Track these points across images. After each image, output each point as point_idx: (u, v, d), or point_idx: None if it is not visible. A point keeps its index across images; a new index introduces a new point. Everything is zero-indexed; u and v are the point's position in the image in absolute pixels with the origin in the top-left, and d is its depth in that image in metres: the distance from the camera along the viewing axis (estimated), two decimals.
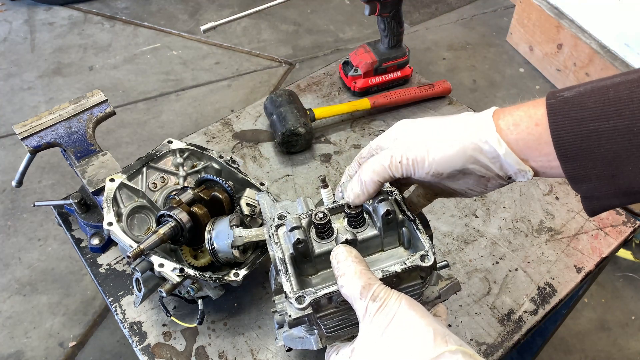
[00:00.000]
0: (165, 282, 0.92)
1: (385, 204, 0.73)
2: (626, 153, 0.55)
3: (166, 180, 1.10)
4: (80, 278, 2.42)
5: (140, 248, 0.88)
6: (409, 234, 0.75)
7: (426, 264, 0.68)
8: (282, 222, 0.77)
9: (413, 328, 0.60)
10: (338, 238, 0.74)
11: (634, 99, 0.54)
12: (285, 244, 0.74)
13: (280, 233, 0.77)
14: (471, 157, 0.64)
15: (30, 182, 2.78)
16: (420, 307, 0.63)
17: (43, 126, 1.10)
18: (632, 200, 0.61)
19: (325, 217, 0.73)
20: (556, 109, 0.59)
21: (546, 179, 1.30)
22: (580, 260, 1.14)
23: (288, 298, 0.68)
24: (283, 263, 0.73)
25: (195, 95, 3.34)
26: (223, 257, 0.94)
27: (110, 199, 0.99)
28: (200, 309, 0.98)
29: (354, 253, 0.68)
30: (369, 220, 0.77)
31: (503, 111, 0.64)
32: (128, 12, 4.02)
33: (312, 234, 0.76)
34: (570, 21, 3.15)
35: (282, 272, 0.72)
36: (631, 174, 0.56)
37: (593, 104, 0.56)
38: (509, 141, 0.62)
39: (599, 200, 0.62)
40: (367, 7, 1.40)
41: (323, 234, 0.75)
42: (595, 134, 0.56)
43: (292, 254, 0.73)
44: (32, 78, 3.45)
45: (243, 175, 1.09)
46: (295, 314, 0.69)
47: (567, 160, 0.59)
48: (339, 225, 0.77)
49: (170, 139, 1.12)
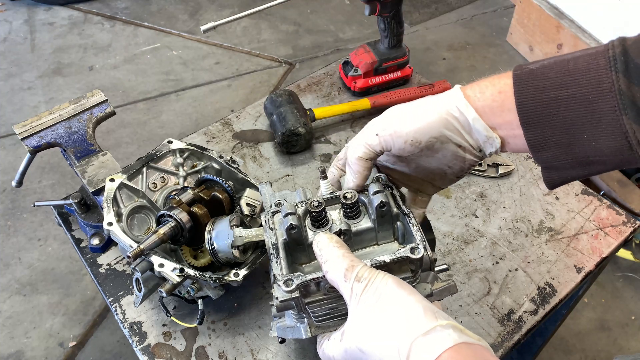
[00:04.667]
0: (165, 282, 0.92)
1: (380, 195, 0.74)
2: (581, 120, 0.59)
3: (166, 180, 1.10)
4: (80, 278, 2.42)
5: (140, 248, 0.88)
6: (403, 229, 0.76)
7: (415, 256, 0.68)
8: (278, 209, 0.79)
9: (402, 304, 0.60)
10: (332, 228, 0.75)
11: (591, 69, 0.58)
12: (280, 230, 0.75)
13: (276, 219, 0.78)
14: (445, 120, 0.67)
15: (30, 182, 2.78)
16: (408, 286, 0.63)
17: (43, 126, 1.10)
18: (589, 172, 0.64)
19: (320, 206, 0.74)
20: (521, 79, 0.63)
21: None
22: (580, 260, 1.14)
23: (277, 281, 0.69)
24: (275, 248, 0.74)
25: (195, 95, 3.34)
26: (223, 257, 0.94)
27: (110, 199, 0.99)
28: (200, 309, 0.98)
29: (335, 239, 0.69)
30: (365, 212, 0.78)
31: (470, 85, 0.69)
32: (128, 12, 4.02)
33: (307, 222, 0.77)
34: (570, 21, 3.14)
35: (274, 256, 0.73)
36: (586, 142, 0.59)
37: (554, 74, 0.60)
38: (476, 108, 0.66)
39: (558, 171, 0.65)
40: (367, 7, 1.40)
41: (318, 222, 0.76)
42: (555, 102, 0.60)
43: (285, 240, 0.74)
44: (32, 78, 3.45)
45: (243, 175, 1.09)
46: (283, 296, 0.70)
47: (529, 127, 0.62)
48: (335, 216, 0.78)
49: (170, 139, 1.12)
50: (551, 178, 0.67)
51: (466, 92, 0.67)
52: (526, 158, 1.35)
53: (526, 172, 1.32)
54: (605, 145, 0.59)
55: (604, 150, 0.59)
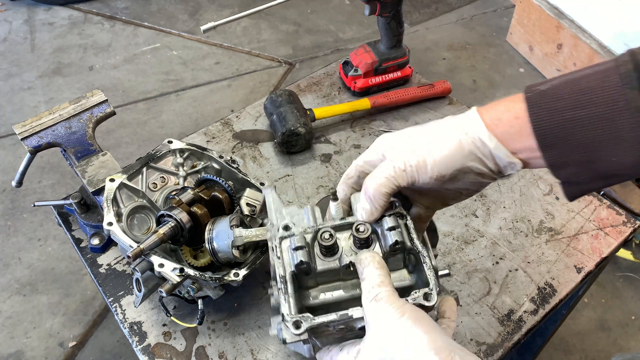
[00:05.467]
0: (165, 282, 0.92)
1: (395, 234, 0.71)
2: (600, 138, 0.58)
3: (166, 180, 1.10)
4: (80, 278, 2.42)
5: (140, 248, 0.88)
6: (414, 261, 0.74)
7: (429, 304, 0.66)
8: (286, 235, 0.75)
9: (416, 345, 0.59)
10: (342, 259, 0.73)
11: (605, 88, 0.57)
12: (288, 259, 0.73)
13: (284, 246, 0.75)
14: (469, 153, 0.66)
15: (30, 182, 2.78)
16: (426, 319, 0.62)
17: (43, 126, 1.10)
18: (609, 183, 0.64)
19: (332, 239, 0.72)
20: (534, 102, 0.62)
21: (546, 180, 1.30)
22: (580, 260, 1.14)
23: (285, 321, 0.67)
24: (284, 282, 0.71)
25: (195, 95, 3.34)
26: (223, 257, 0.94)
27: (110, 199, 0.99)
28: (200, 309, 0.98)
29: (377, 259, 0.68)
30: (376, 240, 0.75)
31: (485, 108, 0.67)
32: (128, 12, 4.02)
33: (316, 249, 0.75)
34: (570, 21, 3.14)
35: (282, 292, 0.70)
36: (606, 158, 0.59)
37: (568, 95, 0.60)
38: (496, 135, 0.65)
39: (579, 185, 0.65)
40: (367, 7, 1.40)
41: (328, 253, 0.74)
42: (571, 123, 0.59)
43: (293, 272, 0.72)
44: (32, 78, 3.45)
45: (243, 175, 1.09)
46: (291, 338, 0.68)
47: (547, 148, 0.62)
48: (344, 243, 0.75)
49: (170, 139, 1.12)
50: (572, 192, 0.66)
51: (484, 119, 0.66)
52: None
53: (526, 172, 1.31)
54: (627, 160, 0.58)
55: (625, 165, 0.59)
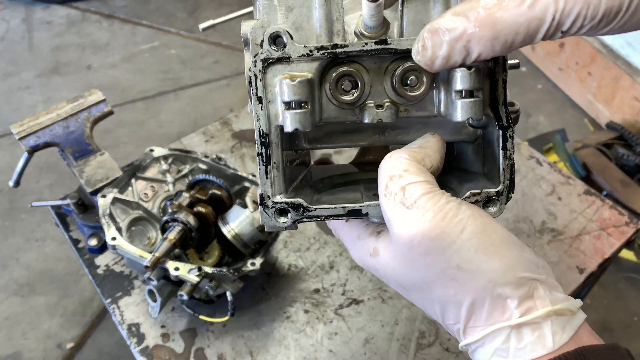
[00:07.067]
0: (184, 285, 0.93)
1: (473, 75, 0.44)
2: None
3: (156, 189, 1.10)
4: (78, 279, 2.41)
5: (156, 256, 0.89)
6: (482, 138, 0.54)
7: (493, 209, 0.54)
8: (279, 55, 0.47)
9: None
10: (367, 106, 0.48)
11: None
12: (275, 105, 0.48)
13: (271, 78, 0.48)
14: None
15: (27, 182, 2.76)
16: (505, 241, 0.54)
17: (41, 126, 1.10)
18: None
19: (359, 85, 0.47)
20: None
21: (548, 180, 1.29)
22: (583, 261, 1.13)
23: (264, 205, 0.49)
24: (265, 143, 0.48)
25: (194, 94, 3.33)
26: (249, 240, 0.97)
27: (107, 215, 0.99)
28: (230, 300, 0.98)
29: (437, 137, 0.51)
30: (428, 82, 0.49)
31: None
32: (126, 10, 4.00)
33: (326, 87, 0.49)
34: None
35: (261, 161, 0.49)
36: None
37: None
38: None
39: None
40: None
41: (347, 102, 0.48)
42: None
43: (280, 126, 0.48)
44: (29, 77, 3.44)
45: (233, 170, 1.10)
46: (269, 228, 0.51)
47: None
48: (379, 86, 0.49)
49: (152, 147, 1.13)
50: None
51: None
52: (528, 158, 1.34)
53: (528, 173, 1.30)
54: None
55: None
